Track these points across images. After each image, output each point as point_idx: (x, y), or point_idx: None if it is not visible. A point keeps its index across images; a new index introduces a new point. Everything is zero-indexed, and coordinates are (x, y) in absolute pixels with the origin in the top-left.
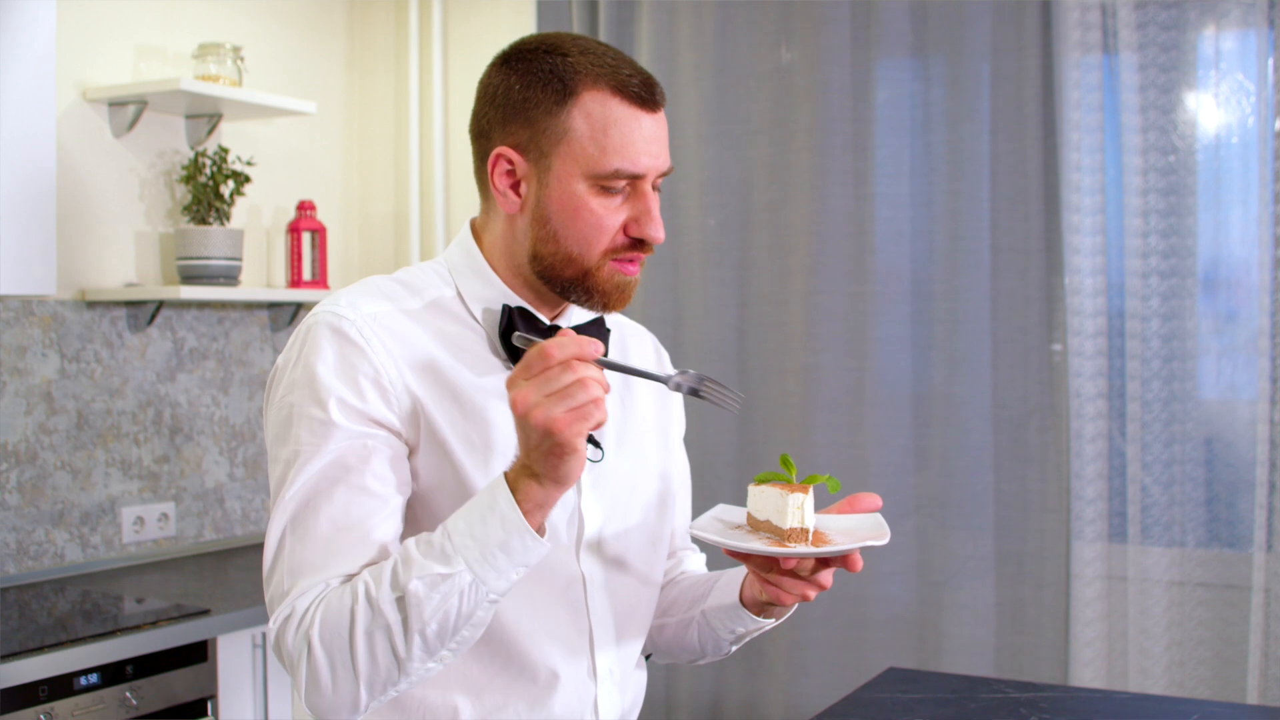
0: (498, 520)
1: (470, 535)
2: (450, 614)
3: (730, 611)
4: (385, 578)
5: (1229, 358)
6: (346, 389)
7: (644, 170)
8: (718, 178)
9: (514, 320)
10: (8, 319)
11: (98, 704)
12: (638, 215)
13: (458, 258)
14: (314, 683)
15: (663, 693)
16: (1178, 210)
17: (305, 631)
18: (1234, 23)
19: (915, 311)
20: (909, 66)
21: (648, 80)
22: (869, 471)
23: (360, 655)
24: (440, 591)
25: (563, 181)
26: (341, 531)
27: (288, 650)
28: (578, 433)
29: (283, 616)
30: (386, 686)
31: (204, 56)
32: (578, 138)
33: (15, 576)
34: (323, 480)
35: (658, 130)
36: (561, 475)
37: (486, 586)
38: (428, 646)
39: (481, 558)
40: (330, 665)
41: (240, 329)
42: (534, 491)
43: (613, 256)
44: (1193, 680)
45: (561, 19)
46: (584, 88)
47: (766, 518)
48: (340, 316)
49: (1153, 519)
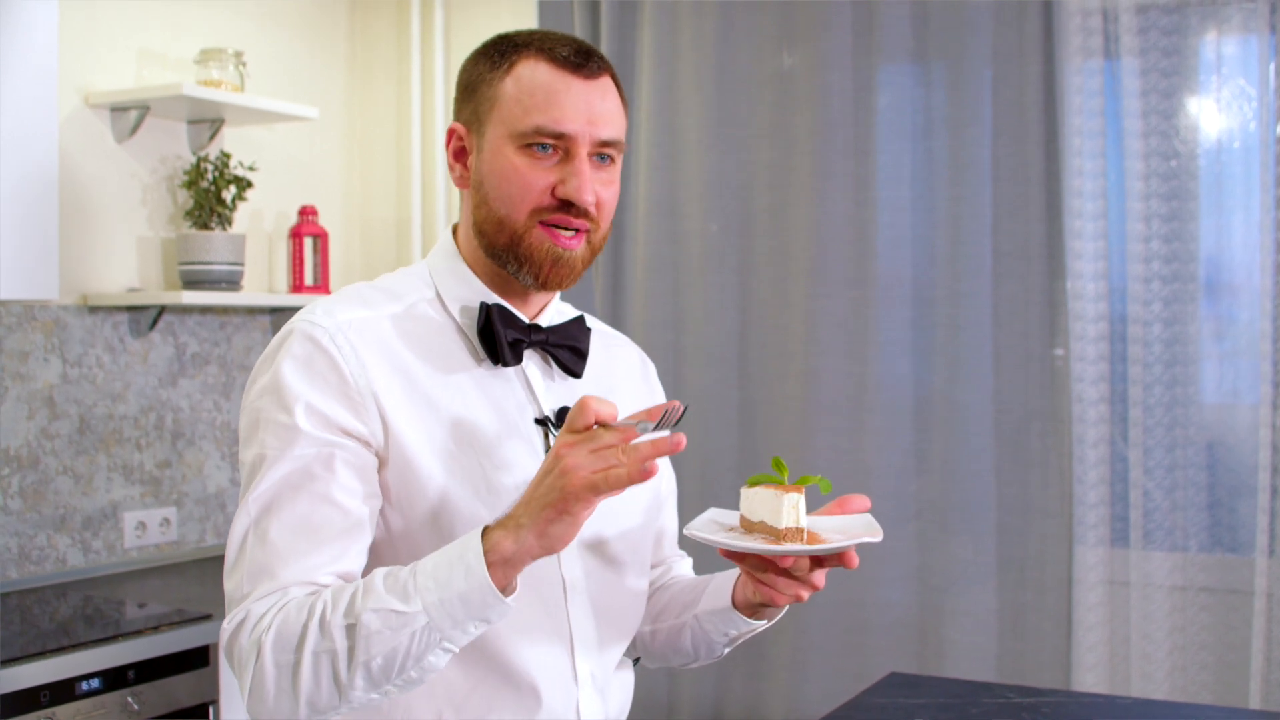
0: (463, 570)
1: (434, 578)
2: (398, 652)
3: (723, 614)
4: (343, 602)
5: (1231, 362)
6: (315, 396)
7: (568, 131)
8: (719, 182)
9: (492, 318)
10: (10, 324)
11: (99, 709)
12: (565, 177)
13: (438, 260)
14: (258, 690)
15: (664, 697)
16: (1179, 215)
17: (258, 639)
18: (1235, 28)
19: (916, 316)
20: (910, 71)
21: (583, 49)
22: (870, 476)
23: (304, 674)
24: (391, 628)
25: (494, 145)
26: (300, 538)
27: (239, 653)
28: (589, 500)
29: (237, 620)
30: (326, 710)
31: (206, 61)
32: (506, 100)
33: (17, 581)
34: (285, 486)
35: (591, 96)
36: (547, 531)
37: (440, 634)
38: (371, 679)
39: (439, 604)
40: (276, 677)
41: (242, 334)
42: (505, 545)
43: (540, 218)
44: (1195, 685)
45: (563, 22)
46: (520, 57)
47: (761, 519)
48: (314, 324)
49: (1155, 524)
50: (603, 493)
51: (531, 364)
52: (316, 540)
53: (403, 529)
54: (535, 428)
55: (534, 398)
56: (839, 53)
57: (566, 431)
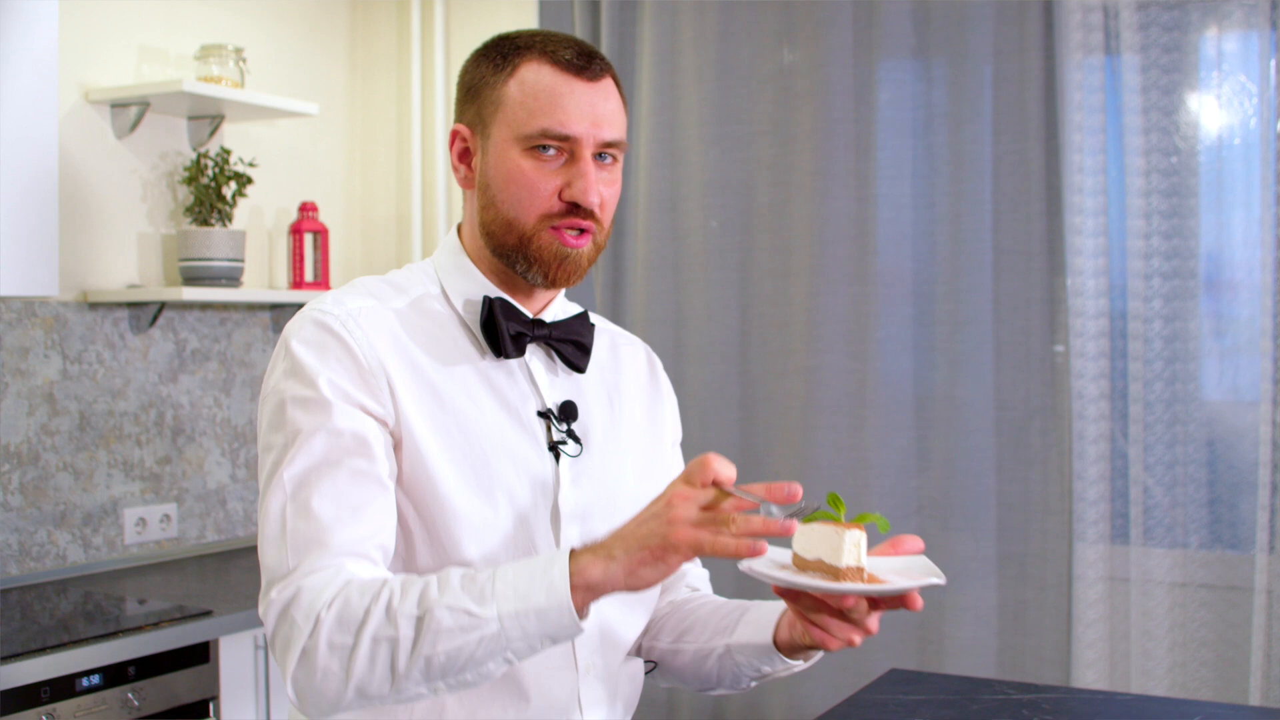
0: (545, 587)
1: (514, 588)
2: (462, 653)
3: (761, 650)
4: (413, 593)
5: (1231, 359)
6: (335, 374)
7: (574, 133)
8: (719, 179)
9: (495, 312)
10: (10, 320)
11: (100, 705)
12: (571, 179)
13: (443, 257)
14: (307, 666)
15: (665, 694)
16: (1180, 211)
17: (316, 614)
18: (1236, 24)
19: (917, 313)
20: (911, 68)
21: (585, 51)
22: (870, 472)
23: (360, 658)
24: (462, 628)
25: (499, 148)
26: (344, 510)
27: (289, 627)
28: (687, 554)
29: (289, 594)
30: (374, 698)
31: (206, 58)
32: (510, 104)
33: (17, 577)
34: (323, 461)
35: (594, 98)
36: (638, 571)
37: (509, 644)
38: (428, 674)
39: (515, 615)
40: (329, 656)
41: (242, 330)
42: (592, 571)
43: (549, 223)
44: (1195, 681)
45: (564, 21)
46: (523, 60)
47: (817, 556)
48: (325, 312)
49: (1155, 520)
50: (704, 554)
51: (534, 358)
52: (359, 513)
53: (407, 509)
54: (538, 420)
55: (536, 390)
56: (839, 49)
57: (683, 482)
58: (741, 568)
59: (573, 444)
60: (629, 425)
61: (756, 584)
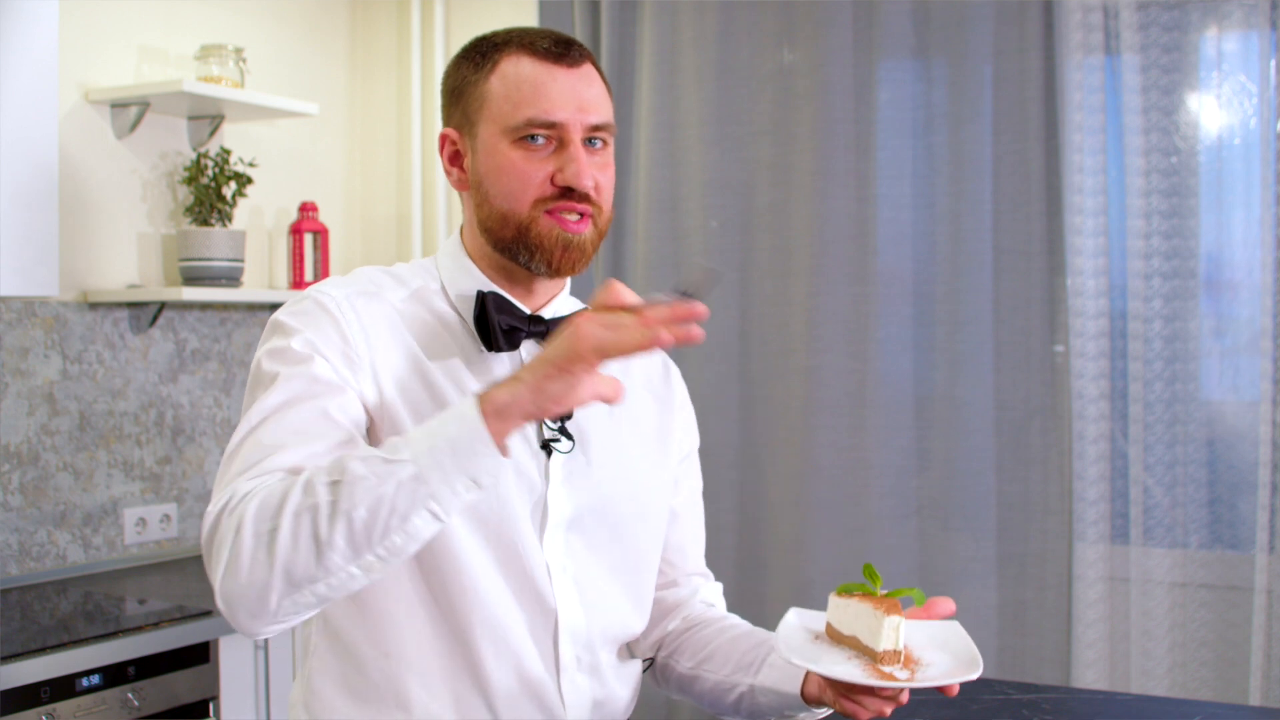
0: (455, 419)
1: (424, 431)
2: (383, 503)
3: (787, 699)
4: (328, 464)
5: (1231, 359)
6: (317, 338)
7: (559, 119)
8: (719, 179)
9: (487, 306)
10: (10, 320)
11: (100, 705)
12: (563, 165)
13: (445, 254)
14: (233, 564)
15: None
16: (1180, 211)
17: (239, 511)
18: (1236, 24)
19: (917, 313)
20: (911, 68)
21: (562, 39)
22: (871, 473)
23: (283, 536)
24: (377, 474)
25: (488, 144)
26: (294, 438)
27: (220, 533)
28: (598, 347)
29: (220, 502)
30: (303, 581)
31: (206, 58)
32: (494, 98)
33: (17, 577)
34: (293, 397)
35: (576, 83)
36: (543, 387)
37: (428, 487)
38: (352, 537)
39: (429, 452)
40: (254, 547)
41: (242, 330)
42: (498, 395)
43: (544, 208)
44: (1195, 681)
45: (563, 20)
46: (502, 55)
47: (854, 634)
48: (323, 293)
49: (1155, 520)
50: (610, 355)
51: (529, 354)
52: (309, 442)
53: None
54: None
55: None
56: (839, 49)
57: (590, 309)
58: (784, 657)
59: (565, 441)
60: (632, 428)
61: (772, 609)
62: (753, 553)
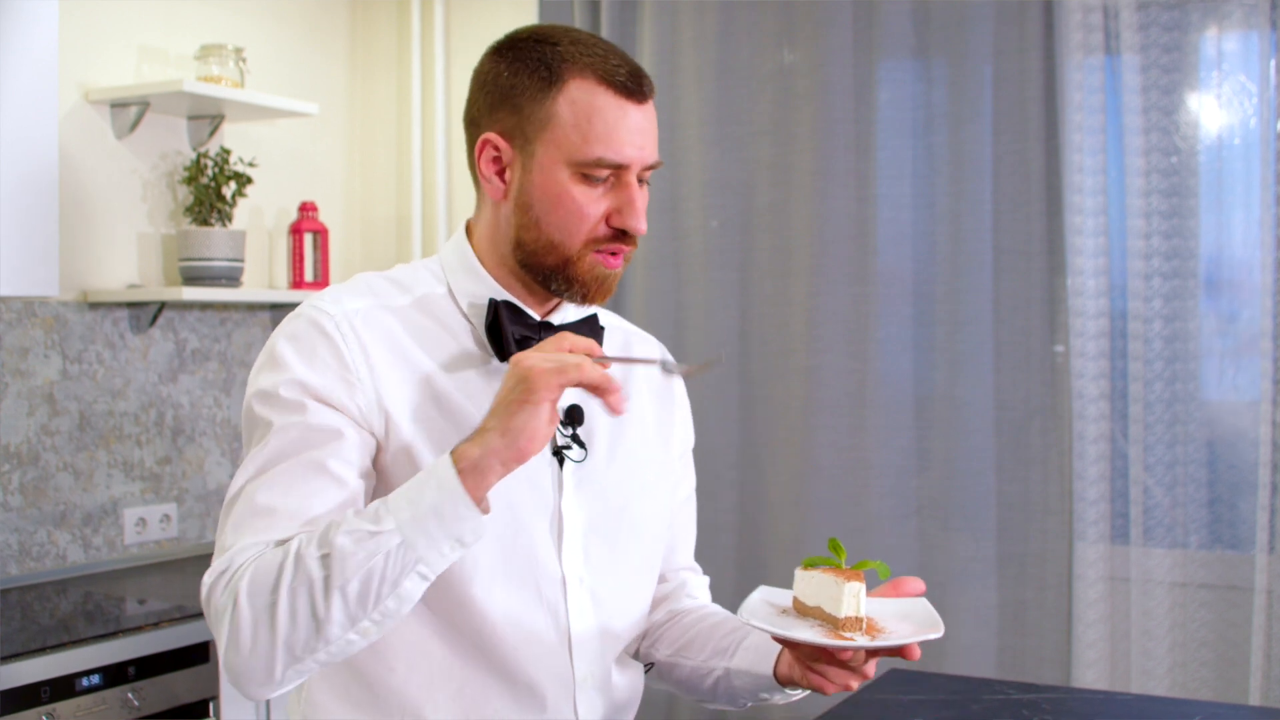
0: (434, 484)
1: (405, 498)
2: (374, 574)
3: (761, 680)
4: (316, 536)
5: (1231, 359)
6: (311, 373)
7: (627, 160)
8: (719, 179)
9: (500, 315)
10: (10, 320)
11: (100, 705)
12: (620, 206)
13: (450, 255)
14: (234, 639)
15: (664, 695)
16: (1180, 211)
17: (234, 585)
18: (1236, 24)
19: (917, 313)
20: (911, 68)
21: (635, 71)
22: (871, 473)
23: (281, 612)
24: (365, 549)
25: (546, 168)
26: (292, 499)
27: (216, 604)
28: (550, 384)
29: (217, 571)
30: (304, 654)
31: (206, 58)
32: (561, 124)
33: (17, 577)
34: (286, 450)
35: (644, 122)
36: (509, 426)
37: (415, 553)
38: (348, 609)
39: (413, 520)
40: (253, 622)
41: (242, 330)
42: (470, 451)
43: (595, 247)
44: (1195, 681)
45: (564, 20)
46: (570, 75)
47: (818, 604)
48: (321, 311)
49: (1155, 520)
50: (567, 376)
51: None
52: (308, 503)
53: None
54: None
55: None
56: (839, 49)
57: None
58: (742, 620)
59: (577, 449)
60: (636, 429)
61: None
62: (753, 553)
